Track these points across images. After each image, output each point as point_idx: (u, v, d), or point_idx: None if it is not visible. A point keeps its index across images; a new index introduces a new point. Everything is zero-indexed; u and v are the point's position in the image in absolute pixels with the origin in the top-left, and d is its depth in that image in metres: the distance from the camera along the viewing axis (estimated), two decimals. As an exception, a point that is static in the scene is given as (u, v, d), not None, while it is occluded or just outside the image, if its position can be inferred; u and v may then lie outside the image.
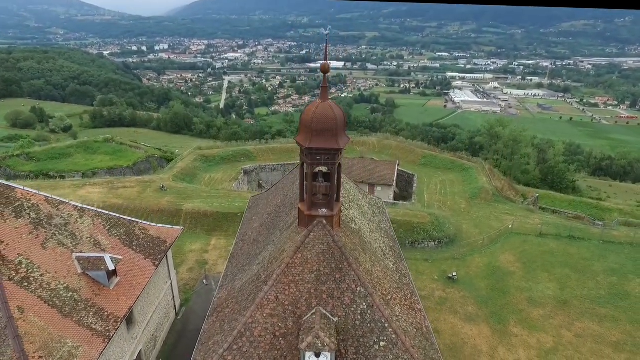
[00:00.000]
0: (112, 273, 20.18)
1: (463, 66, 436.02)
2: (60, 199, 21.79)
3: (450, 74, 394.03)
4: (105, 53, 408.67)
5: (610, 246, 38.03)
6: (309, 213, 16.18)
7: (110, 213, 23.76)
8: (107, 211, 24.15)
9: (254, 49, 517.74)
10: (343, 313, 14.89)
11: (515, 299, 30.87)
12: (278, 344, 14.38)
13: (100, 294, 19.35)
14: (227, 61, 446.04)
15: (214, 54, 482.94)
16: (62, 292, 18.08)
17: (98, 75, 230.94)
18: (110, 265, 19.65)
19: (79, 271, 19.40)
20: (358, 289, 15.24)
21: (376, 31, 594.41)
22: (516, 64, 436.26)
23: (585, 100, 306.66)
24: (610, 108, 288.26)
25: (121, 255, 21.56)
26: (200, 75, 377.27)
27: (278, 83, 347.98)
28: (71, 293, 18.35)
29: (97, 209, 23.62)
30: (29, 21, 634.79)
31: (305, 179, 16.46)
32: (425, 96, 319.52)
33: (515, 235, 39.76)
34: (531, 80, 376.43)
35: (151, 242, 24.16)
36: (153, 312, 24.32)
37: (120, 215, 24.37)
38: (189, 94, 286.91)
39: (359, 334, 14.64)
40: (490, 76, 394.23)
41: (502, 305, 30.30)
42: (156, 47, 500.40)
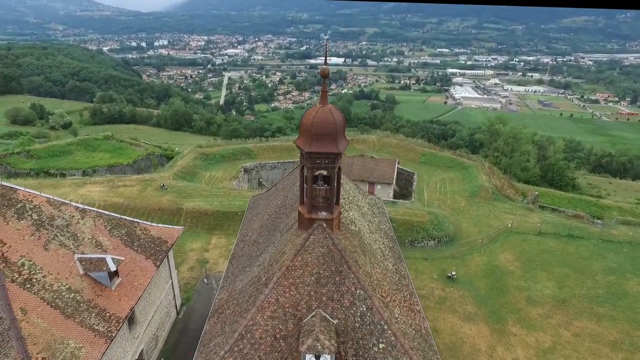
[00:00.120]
0: (114, 274, 20.36)
1: (463, 62, 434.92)
2: (61, 200, 21.93)
3: (450, 70, 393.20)
4: (104, 49, 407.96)
5: (609, 245, 38.19)
6: (309, 216, 16.32)
7: (111, 214, 23.90)
8: (108, 210, 24.38)
9: (254, 45, 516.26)
10: (343, 315, 15.05)
11: (514, 298, 31.07)
12: (278, 346, 14.55)
13: (102, 295, 19.53)
14: (227, 57, 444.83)
15: (214, 50, 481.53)
16: (65, 293, 18.24)
17: (97, 71, 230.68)
18: (111, 266, 19.81)
19: (81, 272, 19.56)
20: (357, 292, 15.40)
21: (376, 27, 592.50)
22: (517, 60, 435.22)
23: (585, 96, 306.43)
24: (610, 104, 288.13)
25: (122, 255, 21.72)
26: (200, 71, 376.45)
27: (278, 79, 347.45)
28: (73, 294, 18.52)
29: (99, 210, 23.76)
30: (28, 17, 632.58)
31: (305, 182, 16.58)
32: (425, 92, 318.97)
33: (514, 234, 39.91)
34: (532, 76, 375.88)
35: (152, 243, 24.32)
36: (154, 312, 24.51)
37: (121, 214, 24.56)
38: (189, 90, 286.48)
39: (359, 336, 14.81)
40: (490, 72, 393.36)
41: (501, 304, 30.50)
42: (155, 43, 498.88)
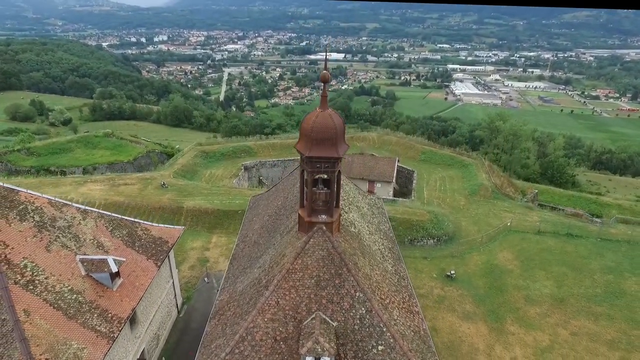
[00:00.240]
0: (115, 274, 20.53)
1: (464, 58, 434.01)
2: (63, 201, 22.07)
3: (451, 66, 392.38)
4: (104, 44, 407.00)
5: (607, 244, 38.32)
6: (309, 219, 16.45)
7: (112, 214, 24.04)
8: (109, 209, 24.57)
9: (254, 41, 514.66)
10: (342, 318, 15.22)
11: (512, 297, 31.27)
12: (279, 348, 14.74)
13: (103, 296, 19.71)
14: (227, 53, 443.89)
15: (214, 46, 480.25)
16: (67, 295, 18.42)
17: (97, 67, 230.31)
18: (113, 267, 19.97)
19: (83, 273, 19.73)
20: (357, 294, 15.56)
21: (377, 22, 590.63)
22: (517, 56, 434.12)
23: (586, 92, 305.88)
24: (611, 100, 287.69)
25: (124, 256, 21.90)
26: (199, 67, 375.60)
27: (278, 75, 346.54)
28: (75, 295, 18.69)
29: (100, 211, 23.89)
30: (27, 12, 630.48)
31: (305, 186, 16.70)
32: (425, 88, 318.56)
33: (513, 232, 40.05)
34: (532, 72, 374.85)
35: (153, 243, 24.48)
36: (155, 312, 24.73)
37: (122, 213, 24.76)
38: (189, 86, 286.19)
39: (358, 338, 14.99)
40: (491, 68, 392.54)
41: (500, 303, 30.71)
42: (155, 39, 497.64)
